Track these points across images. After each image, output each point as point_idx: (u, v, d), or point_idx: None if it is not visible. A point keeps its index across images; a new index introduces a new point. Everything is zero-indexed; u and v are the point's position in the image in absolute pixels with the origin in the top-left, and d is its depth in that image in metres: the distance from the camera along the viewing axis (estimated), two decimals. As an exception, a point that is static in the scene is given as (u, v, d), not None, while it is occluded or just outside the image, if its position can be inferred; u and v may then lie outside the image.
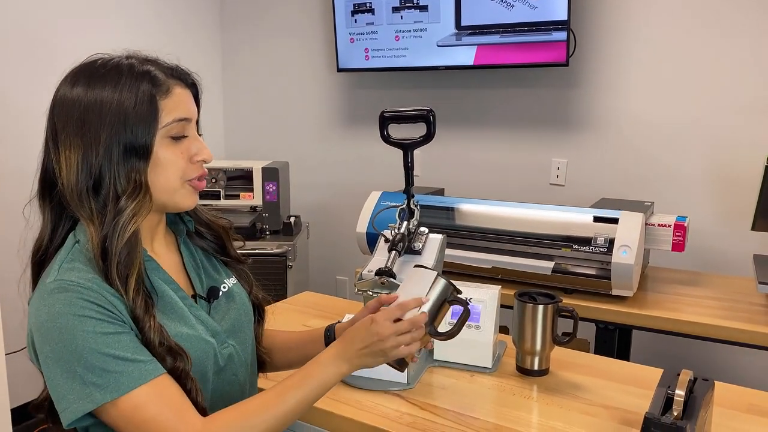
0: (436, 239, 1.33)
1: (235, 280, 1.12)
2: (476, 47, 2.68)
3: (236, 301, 1.09)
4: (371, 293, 1.25)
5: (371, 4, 2.88)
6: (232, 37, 3.57)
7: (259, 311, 1.16)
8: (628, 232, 1.83)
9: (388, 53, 2.90)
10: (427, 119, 1.26)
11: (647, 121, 2.50)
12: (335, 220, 3.31)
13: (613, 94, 2.56)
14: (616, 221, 1.87)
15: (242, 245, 1.17)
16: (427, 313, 0.99)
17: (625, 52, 2.51)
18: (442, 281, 1.03)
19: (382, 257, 1.27)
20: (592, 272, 1.87)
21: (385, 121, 1.30)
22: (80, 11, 2.84)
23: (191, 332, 0.96)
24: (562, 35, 2.48)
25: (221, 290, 1.07)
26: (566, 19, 2.45)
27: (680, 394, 0.98)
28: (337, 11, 2.97)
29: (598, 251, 1.85)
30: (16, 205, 1.03)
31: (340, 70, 3.08)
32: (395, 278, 1.21)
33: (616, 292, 1.86)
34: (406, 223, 1.30)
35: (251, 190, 2.94)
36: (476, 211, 2.14)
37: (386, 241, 1.29)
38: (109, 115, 0.89)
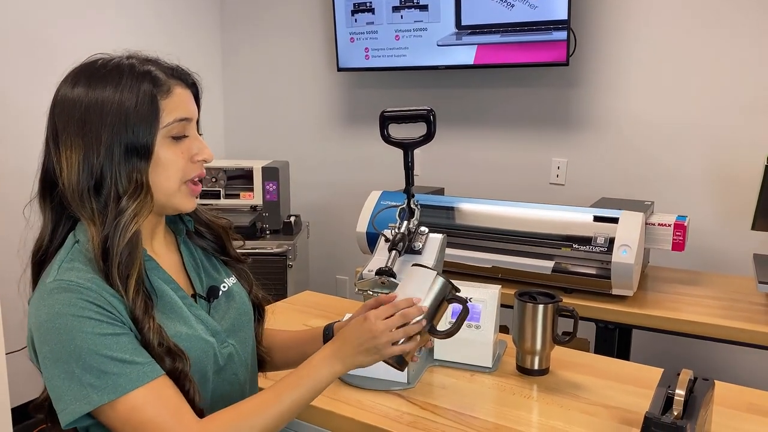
0: (436, 239, 1.33)
1: (234, 279, 1.12)
2: (476, 47, 2.68)
3: (236, 300, 1.09)
4: (371, 293, 1.25)
5: (371, 3, 2.88)
6: (232, 36, 3.57)
7: (259, 311, 1.16)
8: (628, 231, 1.83)
9: (388, 53, 2.90)
10: (427, 119, 1.26)
11: (647, 120, 2.50)
12: (335, 219, 3.31)
13: (613, 93, 2.56)
14: (616, 221, 1.87)
15: (242, 245, 1.17)
16: (422, 307, 0.99)
17: (625, 51, 2.51)
18: (440, 280, 1.03)
19: (382, 257, 1.27)
20: (592, 272, 1.87)
21: (385, 120, 1.30)
22: (80, 11, 2.84)
23: (191, 332, 0.96)
24: (562, 35, 2.48)
25: (221, 290, 1.07)
26: (566, 18, 2.45)
27: (680, 393, 0.98)
28: (337, 11, 2.97)
29: (598, 251, 1.85)
30: (16, 205, 1.03)
31: (340, 69, 3.08)
32: (395, 278, 1.21)
33: (616, 291, 1.86)
34: (406, 222, 1.30)
35: (251, 189, 2.94)
36: (476, 210, 2.14)
37: (386, 240, 1.29)
38: (110, 115, 0.89)
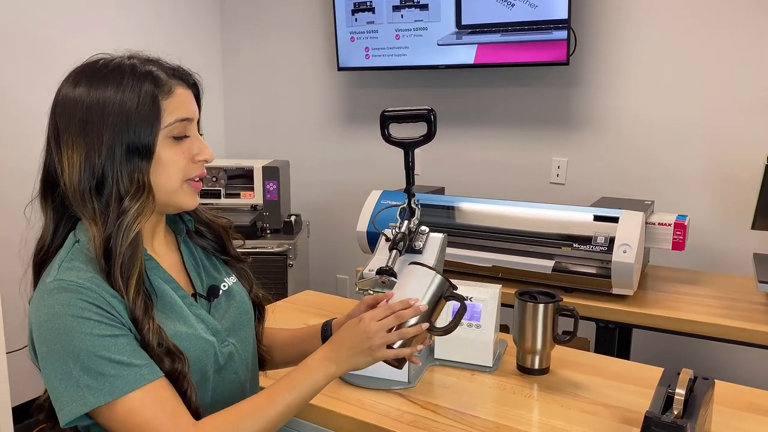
0: (437, 238, 1.33)
1: (235, 278, 1.12)
2: (476, 46, 2.68)
3: (236, 299, 1.09)
4: (372, 292, 1.25)
5: (371, 2, 2.88)
6: (232, 36, 3.57)
7: (259, 310, 1.16)
8: (628, 231, 1.83)
9: (388, 52, 2.90)
10: (428, 119, 1.26)
11: (647, 119, 2.50)
12: (335, 218, 3.31)
13: (613, 93, 2.56)
14: (616, 220, 1.87)
15: (242, 244, 1.17)
16: (419, 307, 0.99)
17: (625, 51, 2.51)
18: (438, 278, 1.03)
19: (383, 256, 1.27)
20: (592, 271, 1.87)
21: (386, 120, 1.30)
22: (80, 11, 2.84)
23: (191, 331, 0.96)
24: (562, 34, 2.48)
25: (221, 289, 1.07)
26: (567, 18, 2.45)
27: (680, 393, 0.99)
28: (337, 10, 2.97)
29: (598, 250, 1.85)
30: (16, 205, 1.03)
31: (340, 68, 3.08)
32: (396, 277, 1.21)
33: (616, 290, 1.86)
34: (407, 222, 1.30)
35: (252, 188, 2.94)
36: (476, 210, 2.14)
37: (387, 240, 1.29)
38: (111, 115, 0.89)
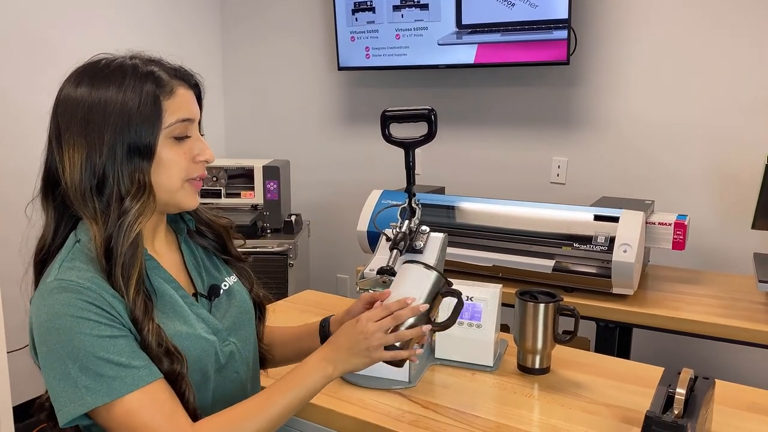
0: (437, 238, 1.33)
1: (235, 278, 1.12)
2: (477, 46, 2.68)
3: (237, 299, 1.09)
4: (373, 292, 1.25)
5: (372, 2, 2.88)
6: (232, 35, 3.57)
7: (260, 309, 1.16)
8: (628, 230, 1.83)
9: (388, 52, 2.90)
10: (428, 118, 1.26)
11: (648, 119, 2.50)
12: (336, 218, 3.31)
13: (613, 92, 2.56)
14: (616, 220, 1.87)
15: (243, 243, 1.17)
16: (417, 307, 0.99)
17: (625, 51, 2.51)
18: (434, 275, 1.04)
19: (383, 256, 1.27)
20: (592, 271, 1.87)
21: (386, 120, 1.30)
22: (80, 11, 2.84)
23: (191, 331, 0.96)
24: (562, 34, 2.48)
25: (222, 288, 1.08)
26: (567, 17, 2.45)
27: (681, 392, 0.99)
28: (337, 10, 2.97)
29: (598, 250, 1.85)
30: (16, 205, 1.03)
31: (340, 68, 3.08)
32: (396, 277, 1.21)
33: (616, 290, 1.86)
34: (407, 221, 1.30)
35: (252, 188, 2.94)
36: (477, 209, 2.14)
37: (388, 239, 1.29)
38: (113, 115, 0.90)
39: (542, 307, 1.31)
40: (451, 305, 1.06)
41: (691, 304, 1.84)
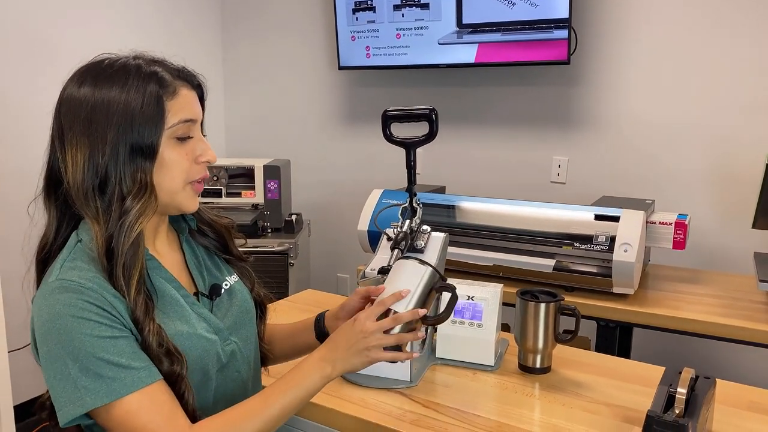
0: (438, 237, 1.33)
1: (236, 277, 1.12)
2: (477, 45, 2.68)
3: (238, 298, 1.09)
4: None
5: (372, 1, 2.88)
6: (232, 35, 3.57)
7: (261, 308, 1.17)
8: (629, 230, 1.83)
9: (389, 51, 2.90)
10: (429, 118, 1.26)
11: (648, 119, 2.50)
12: (336, 217, 3.31)
13: (614, 92, 2.56)
14: (617, 219, 1.87)
15: (244, 243, 1.17)
16: (417, 311, 1.00)
17: (626, 50, 2.51)
18: (428, 270, 1.04)
19: (384, 255, 1.27)
20: (593, 270, 1.88)
21: (387, 120, 1.30)
22: (80, 10, 2.84)
23: (192, 330, 0.96)
24: (563, 33, 2.48)
25: (223, 288, 1.08)
26: (567, 17, 2.45)
27: (682, 392, 0.99)
28: (338, 9, 2.97)
29: (599, 249, 1.85)
30: (16, 205, 1.03)
31: (341, 68, 3.08)
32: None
33: (617, 290, 1.86)
34: (408, 221, 1.30)
35: (253, 188, 2.94)
36: (477, 209, 2.14)
37: (389, 239, 1.29)
38: (116, 115, 0.90)
39: (543, 306, 1.32)
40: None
41: (691, 303, 1.84)
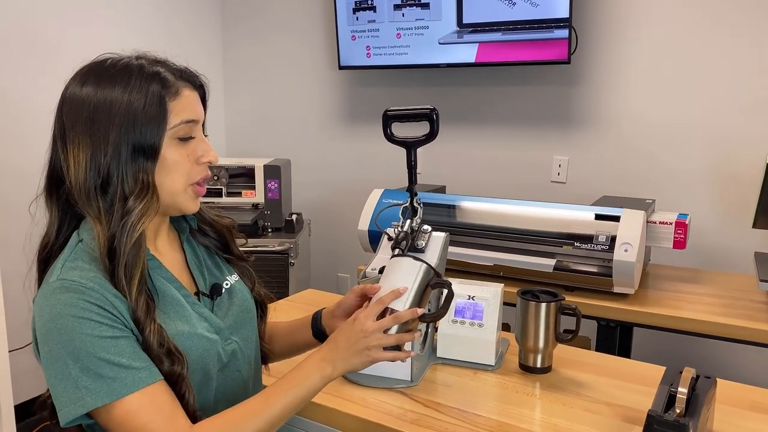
0: (439, 237, 1.33)
1: (237, 277, 1.13)
2: (478, 45, 2.68)
3: (238, 297, 1.09)
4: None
5: (372, 1, 2.88)
6: (233, 35, 3.57)
7: (261, 308, 1.17)
8: (629, 229, 1.83)
9: (389, 51, 2.91)
10: (430, 118, 1.26)
11: (649, 118, 2.50)
12: (337, 217, 3.31)
13: (614, 91, 2.56)
14: (617, 219, 1.87)
15: (245, 243, 1.17)
16: (417, 310, 1.00)
17: (626, 50, 2.51)
18: (423, 267, 1.04)
19: (385, 255, 1.27)
20: (593, 270, 1.88)
21: (388, 119, 1.30)
22: (80, 10, 2.84)
23: (193, 330, 0.96)
24: (563, 33, 2.48)
25: (224, 287, 1.08)
26: (568, 16, 2.46)
27: (683, 391, 0.99)
28: (338, 9, 2.97)
29: (599, 249, 1.85)
30: (16, 205, 1.03)
31: (341, 67, 3.08)
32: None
33: (617, 289, 1.86)
34: (409, 221, 1.30)
35: (253, 187, 2.94)
36: (478, 208, 2.14)
37: (390, 239, 1.29)
38: (118, 115, 0.90)
39: (544, 306, 1.32)
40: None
41: (692, 303, 1.84)
